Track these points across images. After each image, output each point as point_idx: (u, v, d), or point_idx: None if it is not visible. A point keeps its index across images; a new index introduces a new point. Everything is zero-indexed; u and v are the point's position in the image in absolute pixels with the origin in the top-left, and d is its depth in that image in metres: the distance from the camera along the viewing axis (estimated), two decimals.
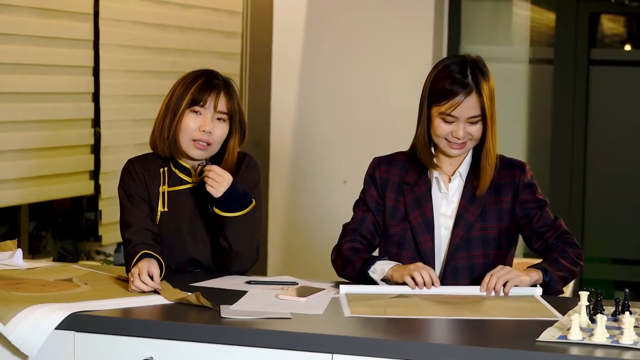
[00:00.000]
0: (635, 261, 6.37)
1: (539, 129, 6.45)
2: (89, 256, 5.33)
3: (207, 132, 3.26)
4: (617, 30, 6.56)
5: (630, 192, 6.31)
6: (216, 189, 3.21)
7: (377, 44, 6.24)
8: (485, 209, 3.27)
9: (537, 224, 3.29)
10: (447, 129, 3.22)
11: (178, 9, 5.75)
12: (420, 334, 2.74)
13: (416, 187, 3.30)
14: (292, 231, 6.29)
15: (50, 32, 4.81)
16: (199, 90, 3.28)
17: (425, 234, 3.27)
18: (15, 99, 4.64)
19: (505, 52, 6.59)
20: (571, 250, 3.24)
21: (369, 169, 3.39)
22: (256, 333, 2.65)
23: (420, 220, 3.28)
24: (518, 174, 3.31)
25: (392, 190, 3.33)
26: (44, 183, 4.86)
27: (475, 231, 3.26)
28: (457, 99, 3.19)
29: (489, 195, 3.28)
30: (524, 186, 3.30)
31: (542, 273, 3.12)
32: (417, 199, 3.30)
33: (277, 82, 6.43)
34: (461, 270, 3.25)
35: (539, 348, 2.50)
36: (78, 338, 2.76)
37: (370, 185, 3.37)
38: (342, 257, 3.29)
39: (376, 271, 3.16)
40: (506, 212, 3.29)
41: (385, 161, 3.38)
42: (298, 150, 6.38)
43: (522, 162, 3.36)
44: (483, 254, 3.27)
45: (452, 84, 3.20)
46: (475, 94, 3.20)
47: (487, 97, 3.22)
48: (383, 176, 3.35)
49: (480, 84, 3.21)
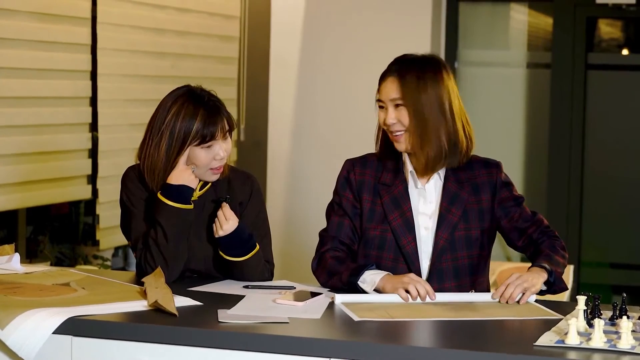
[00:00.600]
0: (633, 265, 6.38)
1: (536, 134, 6.46)
2: (86, 260, 5.33)
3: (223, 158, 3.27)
4: (614, 34, 6.57)
5: (628, 196, 6.31)
6: (216, 228, 3.26)
7: (375, 48, 6.25)
8: (467, 209, 3.25)
9: (518, 221, 3.27)
10: (381, 117, 3.24)
11: (176, 13, 5.76)
12: (418, 338, 2.74)
13: (393, 187, 3.27)
14: (289, 235, 6.30)
15: (48, 36, 4.82)
16: (206, 126, 3.23)
17: (406, 234, 3.23)
18: (13, 103, 4.65)
19: (503, 56, 6.59)
20: (557, 244, 3.24)
21: (343, 171, 3.34)
22: (254, 337, 2.65)
23: (400, 221, 3.24)
24: (495, 173, 3.29)
25: (368, 192, 3.28)
26: (42, 187, 4.87)
27: (458, 232, 3.24)
28: (382, 80, 3.24)
29: (469, 195, 3.25)
30: (501, 184, 3.28)
31: (547, 273, 3.09)
32: (395, 198, 3.25)
33: (274, 86, 6.43)
34: (446, 272, 3.23)
35: (536, 352, 2.51)
36: (75, 342, 2.76)
37: (345, 188, 3.32)
38: (325, 267, 3.23)
39: (366, 281, 3.11)
40: (486, 212, 3.27)
41: (359, 163, 3.34)
42: (296, 154, 6.38)
43: (496, 161, 3.33)
44: (467, 255, 3.25)
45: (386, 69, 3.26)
46: (395, 76, 3.19)
47: (413, 83, 3.16)
48: (358, 178, 3.30)
49: (408, 69, 3.19)
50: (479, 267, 3.26)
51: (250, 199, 3.39)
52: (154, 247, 3.22)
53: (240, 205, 3.37)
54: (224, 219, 3.25)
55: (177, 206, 3.22)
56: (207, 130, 3.22)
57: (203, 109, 3.24)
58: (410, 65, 3.22)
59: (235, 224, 3.25)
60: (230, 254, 3.27)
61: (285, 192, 6.40)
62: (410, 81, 3.18)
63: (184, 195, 3.23)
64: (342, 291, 3.12)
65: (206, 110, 3.24)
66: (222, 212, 3.25)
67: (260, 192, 3.46)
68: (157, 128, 3.25)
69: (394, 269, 3.19)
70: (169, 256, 3.22)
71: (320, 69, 6.34)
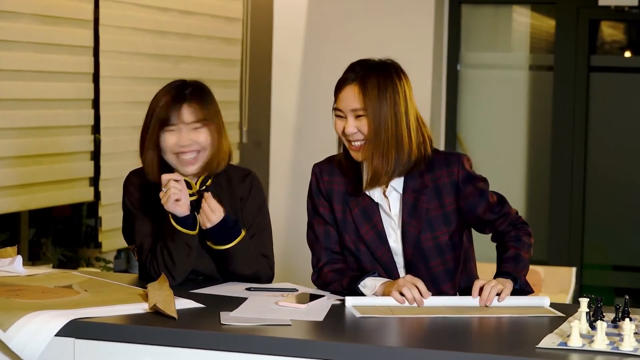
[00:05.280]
0: (635, 268, 6.37)
1: (539, 136, 6.46)
2: (89, 263, 5.33)
3: (187, 145, 3.26)
4: (616, 37, 6.57)
5: (630, 198, 6.31)
6: (203, 220, 3.24)
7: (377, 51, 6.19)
8: (431, 216, 3.15)
9: (484, 214, 3.18)
10: (339, 126, 3.12)
11: (178, 15, 5.76)
12: (421, 341, 2.74)
13: (360, 198, 3.18)
14: (292, 237, 6.29)
15: (51, 39, 4.82)
16: (166, 109, 3.27)
17: (380, 247, 3.18)
18: (15, 105, 4.65)
19: (505, 58, 6.59)
20: (523, 233, 3.18)
21: (313, 179, 3.28)
22: (256, 340, 2.64)
23: (372, 234, 3.18)
24: (455, 171, 3.15)
25: (338, 201, 3.22)
26: (44, 190, 4.87)
27: (425, 242, 3.15)
28: (340, 89, 3.13)
29: (430, 202, 3.15)
30: (463, 181, 3.16)
31: (512, 281, 3.06)
32: (364, 211, 3.18)
33: (277, 88, 6.43)
34: (425, 281, 3.06)
35: (539, 355, 2.50)
36: (78, 345, 2.76)
37: (319, 196, 3.26)
38: (325, 281, 3.20)
39: (367, 286, 3.09)
40: (452, 214, 3.17)
41: (326, 170, 3.26)
42: (298, 157, 6.38)
43: (458, 154, 3.21)
44: (441, 262, 3.18)
45: (343, 76, 3.15)
46: (357, 85, 3.08)
47: (374, 93, 3.05)
48: (327, 187, 3.24)
49: (368, 77, 3.08)
50: (457, 268, 3.21)
51: (250, 194, 3.39)
52: (160, 257, 3.23)
53: (241, 200, 3.38)
54: (210, 210, 3.23)
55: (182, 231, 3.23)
56: (166, 113, 3.26)
57: (171, 95, 3.29)
58: (370, 73, 3.10)
59: (222, 215, 3.24)
60: (217, 243, 3.26)
61: (288, 193, 6.40)
62: (372, 90, 3.07)
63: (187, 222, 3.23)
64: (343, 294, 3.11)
65: (173, 96, 3.29)
66: (206, 204, 3.24)
67: (261, 188, 3.45)
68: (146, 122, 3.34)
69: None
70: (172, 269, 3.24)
71: (322, 71, 6.34)
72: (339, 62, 6.31)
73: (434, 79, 6.24)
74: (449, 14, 6.41)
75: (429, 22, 6.21)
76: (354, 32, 6.29)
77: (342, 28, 6.31)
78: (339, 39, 6.31)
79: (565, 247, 6.23)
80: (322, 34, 6.35)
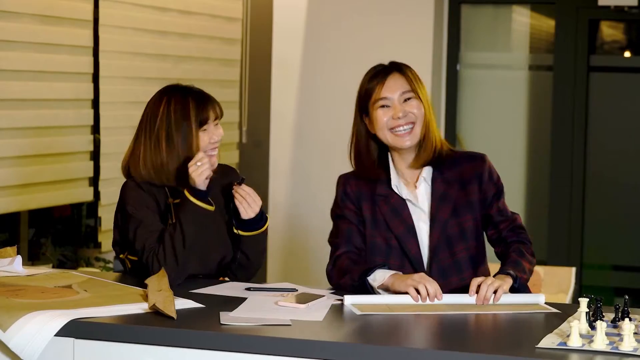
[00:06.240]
0: (635, 268, 6.37)
1: (538, 136, 6.45)
2: (88, 263, 5.33)
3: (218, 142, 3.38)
4: (616, 36, 6.56)
5: (630, 198, 6.31)
6: (247, 211, 3.35)
7: (377, 50, 6.24)
8: (457, 204, 3.31)
9: (494, 214, 3.34)
10: (387, 115, 3.28)
11: (178, 15, 5.76)
12: (420, 341, 2.75)
13: (389, 197, 3.33)
14: (291, 238, 6.29)
15: (50, 39, 4.82)
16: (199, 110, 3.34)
17: (410, 239, 3.30)
18: (15, 105, 4.65)
19: (505, 58, 6.59)
20: (526, 249, 3.29)
21: (339, 186, 3.40)
22: (256, 340, 2.65)
23: (402, 228, 3.30)
24: (480, 166, 3.35)
25: (367, 201, 3.35)
26: (44, 190, 4.86)
27: (451, 228, 3.30)
28: (381, 80, 3.29)
29: (457, 190, 3.32)
30: (487, 177, 3.35)
31: (512, 280, 3.13)
32: (394, 208, 3.32)
33: (276, 88, 6.43)
34: (447, 270, 3.28)
35: (538, 355, 2.51)
36: (78, 345, 2.76)
37: (345, 200, 3.37)
38: (340, 268, 3.27)
39: (376, 279, 3.15)
40: (475, 202, 3.33)
41: (353, 177, 3.40)
42: (298, 157, 6.38)
43: (481, 154, 3.40)
44: (465, 247, 3.31)
45: (373, 76, 3.32)
46: (396, 73, 3.30)
47: (413, 77, 3.30)
48: (355, 189, 3.36)
49: (400, 66, 3.32)
50: (478, 257, 3.33)
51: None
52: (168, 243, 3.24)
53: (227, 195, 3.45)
54: (253, 200, 3.34)
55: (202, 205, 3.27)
56: (200, 114, 3.33)
57: (191, 97, 3.35)
58: (401, 64, 3.34)
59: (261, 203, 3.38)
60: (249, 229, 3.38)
61: (287, 193, 6.40)
62: (413, 74, 3.31)
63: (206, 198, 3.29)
64: (352, 290, 3.17)
65: (195, 97, 3.36)
66: (248, 193, 3.34)
67: None
68: (149, 129, 3.34)
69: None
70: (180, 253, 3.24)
71: (322, 71, 6.34)
72: (338, 62, 6.36)
73: (434, 79, 6.25)
74: (448, 14, 6.41)
75: (429, 22, 6.21)
76: (353, 31, 6.29)
77: (341, 28, 6.31)
78: (338, 39, 6.32)
79: (565, 247, 6.23)
80: (322, 33, 6.35)
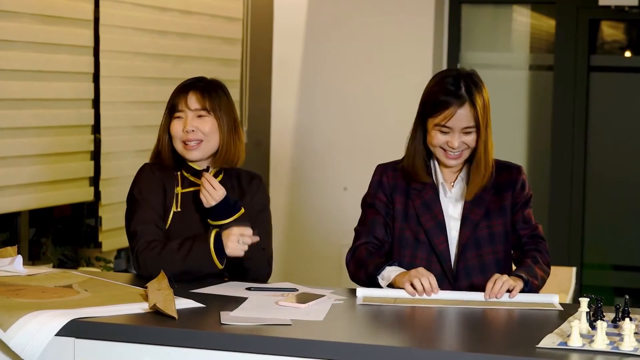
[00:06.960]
0: (636, 267, 6.37)
1: (538, 136, 6.46)
2: (89, 262, 5.33)
3: (190, 131, 3.37)
4: (617, 36, 6.56)
5: (630, 198, 6.31)
6: (207, 199, 3.33)
7: (377, 51, 6.25)
8: (489, 208, 3.36)
9: (519, 217, 3.39)
10: (442, 139, 3.31)
11: (178, 15, 5.76)
12: (421, 341, 2.74)
13: (423, 192, 3.38)
14: (292, 238, 6.29)
15: (51, 38, 4.82)
16: (174, 97, 3.44)
17: (439, 235, 3.35)
18: (15, 105, 4.65)
19: (505, 58, 6.59)
20: (542, 258, 3.34)
21: (376, 175, 3.45)
22: (256, 339, 2.65)
23: (433, 223, 3.36)
24: (515, 175, 3.42)
25: (401, 193, 3.40)
26: (44, 189, 4.86)
27: (481, 230, 3.35)
28: (451, 110, 3.27)
29: (491, 196, 3.37)
30: (520, 187, 3.41)
31: (523, 283, 3.17)
32: (426, 203, 3.37)
33: (277, 88, 6.44)
34: (473, 270, 3.34)
35: (539, 355, 2.50)
36: (78, 344, 2.76)
37: (378, 190, 3.42)
38: (357, 258, 3.35)
39: (384, 278, 3.22)
40: (507, 208, 3.39)
41: (391, 167, 3.44)
42: (298, 157, 6.38)
43: (518, 165, 3.47)
44: (492, 250, 3.36)
45: (446, 95, 3.28)
46: (468, 105, 3.28)
47: (481, 108, 3.29)
48: (391, 181, 3.41)
49: (473, 95, 3.28)
50: (506, 262, 3.38)
51: (256, 194, 3.50)
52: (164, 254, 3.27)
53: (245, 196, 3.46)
54: (213, 188, 3.33)
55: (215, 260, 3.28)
56: (174, 100, 3.42)
57: (183, 85, 3.45)
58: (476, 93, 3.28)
59: (224, 192, 3.34)
60: (217, 219, 3.33)
61: (288, 193, 6.40)
62: (480, 109, 3.28)
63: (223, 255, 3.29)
64: (364, 285, 3.24)
65: (185, 85, 3.45)
66: (208, 183, 3.33)
67: (267, 192, 3.57)
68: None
69: (428, 268, 3.25)
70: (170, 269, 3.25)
71: (322, 71, 6.34)
72: (339, 62, 6.36)
73: None
74: (449, 13, 6.41)
75: (429, 22, 6.21)
76: (354, 31, 6.29)
77: (342, 28, 6.31)
78: (338, 39, 6.32)
79: (565, 247, 6.23)
80: (322, 34, 6.35)
